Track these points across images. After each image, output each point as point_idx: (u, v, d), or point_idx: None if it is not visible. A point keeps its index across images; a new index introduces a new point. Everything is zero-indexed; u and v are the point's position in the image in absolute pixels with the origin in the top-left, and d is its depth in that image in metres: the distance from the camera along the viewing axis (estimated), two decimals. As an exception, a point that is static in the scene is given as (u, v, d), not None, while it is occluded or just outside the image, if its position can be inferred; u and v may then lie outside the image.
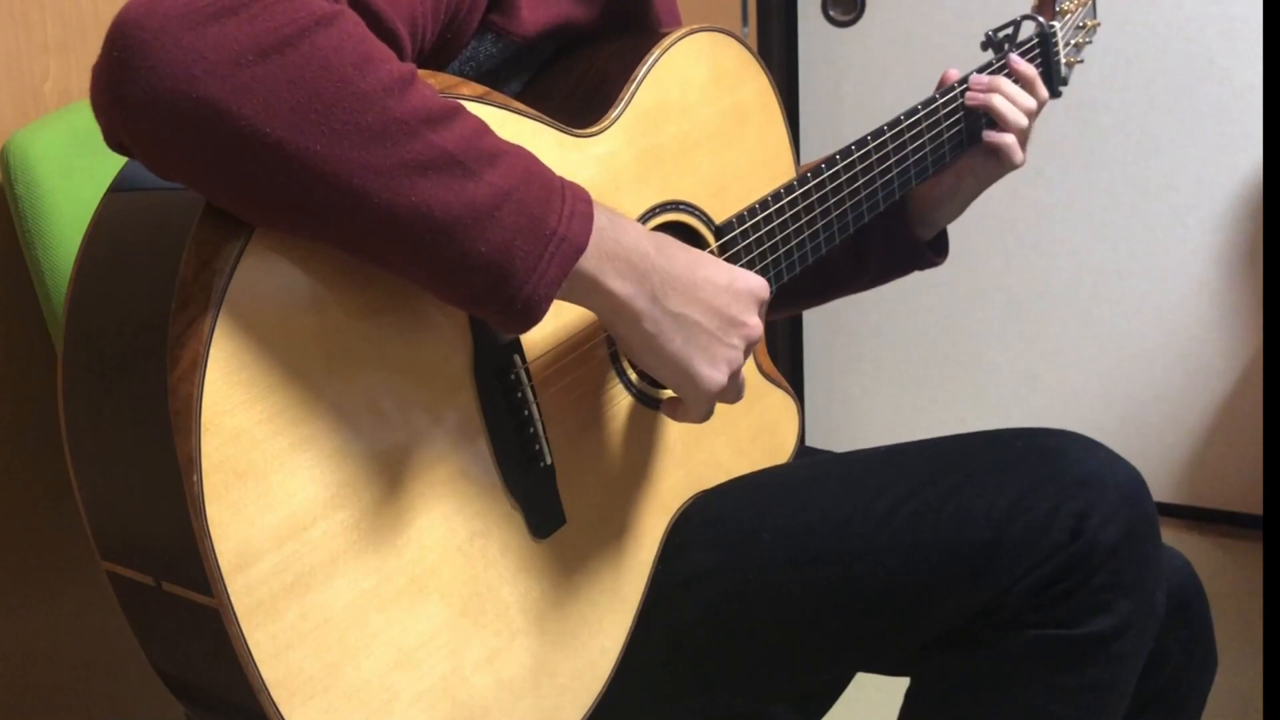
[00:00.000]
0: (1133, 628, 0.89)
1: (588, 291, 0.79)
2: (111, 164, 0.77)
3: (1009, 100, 1.15)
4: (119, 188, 0.76)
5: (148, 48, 0.64)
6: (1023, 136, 1.16)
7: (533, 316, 0.75)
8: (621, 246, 0.79)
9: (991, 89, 1.15)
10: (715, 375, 0.84)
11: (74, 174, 1.03)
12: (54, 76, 1.14)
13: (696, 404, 0.86)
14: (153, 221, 0.74)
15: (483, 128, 0.74)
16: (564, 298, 0.78)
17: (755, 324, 0.86)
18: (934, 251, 1.23)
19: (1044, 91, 1.19)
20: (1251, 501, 2.37)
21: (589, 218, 0.76)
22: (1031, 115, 1.17)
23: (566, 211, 0.75)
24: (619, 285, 0.79)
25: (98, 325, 0.73)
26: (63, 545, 1.19)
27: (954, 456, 0.96)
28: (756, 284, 0.87)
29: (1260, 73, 2.19)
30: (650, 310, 0.81)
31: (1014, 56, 1.18)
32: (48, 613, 1.19)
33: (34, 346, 1.14)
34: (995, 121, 1.16)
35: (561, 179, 0.76)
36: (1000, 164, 1.16)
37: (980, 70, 1.18)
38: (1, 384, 1.14)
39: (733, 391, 0.87)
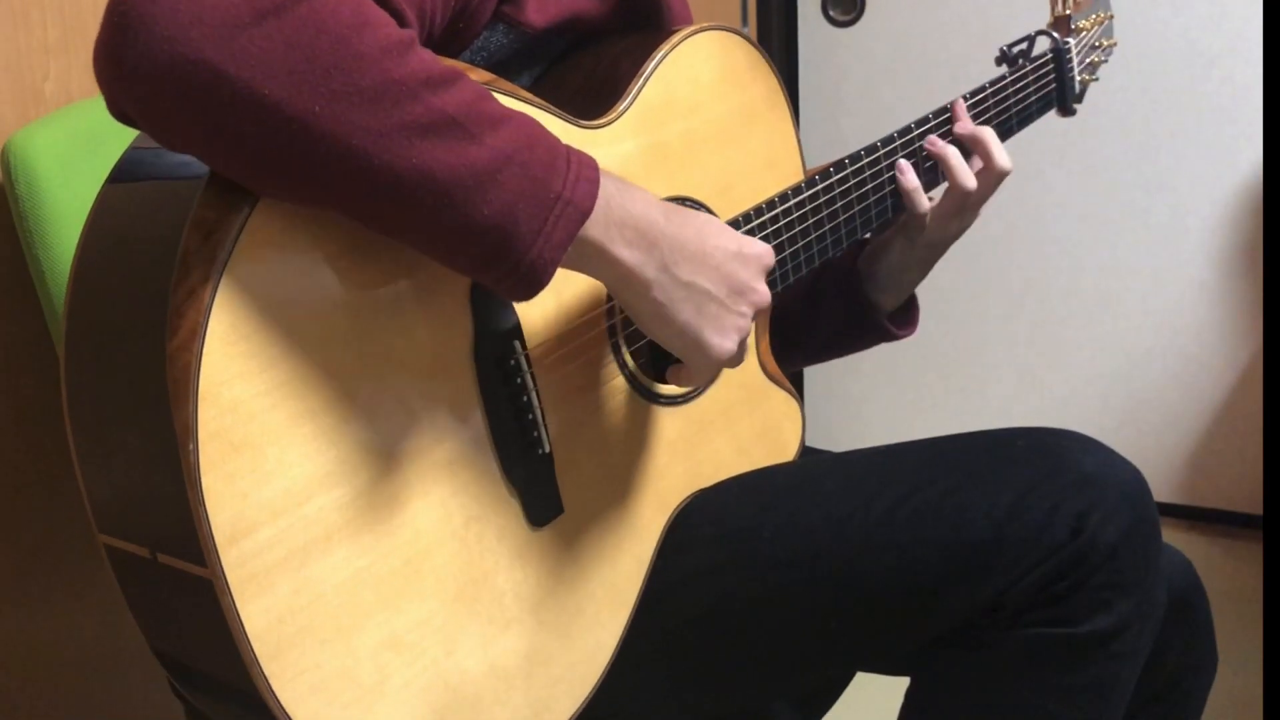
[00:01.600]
0: (1133, 627, 0.89)
1: (595, 259, 0.78)
2: (112, 164, 0.77)
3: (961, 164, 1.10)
4: (117, 179, 0.76)
5: (145, 13, 0.65)
6: (970, 198, 1.11)
7: (539, 282, 0.75)
8: (630, 214, 0.79)
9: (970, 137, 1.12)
10: (725, 344, 0.84)
11: (74, 174, 1.03)
12: (54, 76, 1.14)
13: (702, 371, 0.87)
14: (153, 206, 0.74)
15: (485, 93, 0.74)
16: (571, 266, 0.78)
17: (763, 290, 0.87)
18: (897, 323, 1.18)
19: (999, 162, 1.11)
20: (1251, 501, 2.37)
21: (594, 183, 0.76)
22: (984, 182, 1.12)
23: (572, 176, 0.75)
24: (627, 254, 0.79)
25: (100, 297, 0.74)
26: (63, 544, 1.19)
27: (954, 456, 0.96)
28: (763, 249, 0.87)
29: (1260, 73, 2.19)
30: (660, 279, 0.81)
31: (934, 139, 1.11)
32: (47, 612, 1.19)
33: (34, 346, 1.14)
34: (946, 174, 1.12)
35: (567, 145, 0.76)
36: (915, 211, 1.10)
37: (990, 84, 1.18)
38: (2, 384, 1.14)
39: (738, 357, 0.87)
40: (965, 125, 1.13)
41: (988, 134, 1.12)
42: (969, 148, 1.12)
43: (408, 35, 0.71)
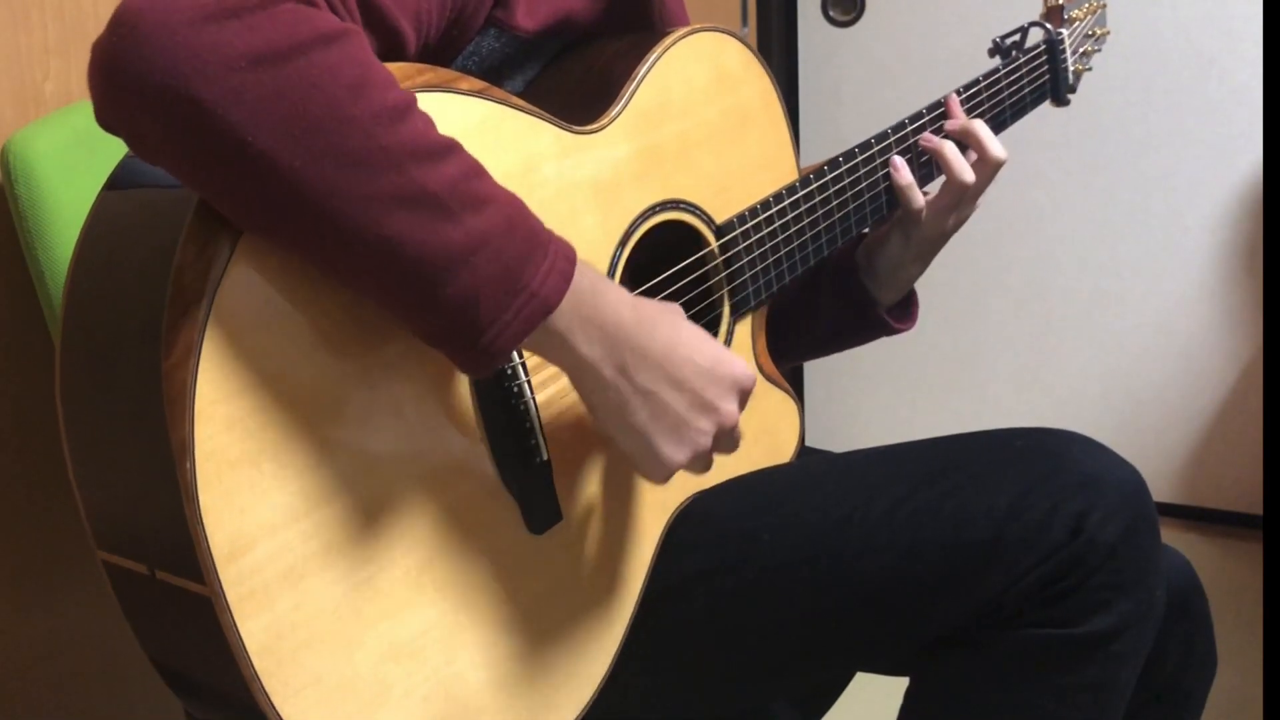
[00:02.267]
0: (1132, 627, 0.89)
1: (555, 349, 0.78)
2: (112, 165, 0.77)
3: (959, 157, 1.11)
4: (114, 185, 0.76)
5: (145, 37, 0.65)
6: (967, 191, 1.11)
7: (491, 365, 0.75)
8: (599, 312, 0.78)
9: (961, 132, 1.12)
10: (675, 455, 0.82)
11: (74, 174, 1.03)
12: (54, 76, 1.14)
13: (649, 475, 0.84)
14: (149, 216, 0.74)
15: (476, 171, 0.73)
16: (530, 349, 0.78)
17: (730, 410, 0.84)
18: (896, 317, 1.18)
19: (993, 153, 1.12)
20: (1251, 501, 2.37)
21: (567, 277, 0.75)
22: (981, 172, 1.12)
23: (545, 268, 0.74)
24: (587, 349, 0.78)
25: (95, 313, 0.74)
26: (63, 547, 1.19)
27: (954, 456, 0.96)
28: (740, 372, 0.84)
29: (1260, 73, 2.19)
30: (616, 380, 0.80)
31: (928, 135, 1.12)
32: (48, 613, 1.19)
33: (34, 346, 1.14)
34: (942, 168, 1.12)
35: (550, 234, 0.76)
36: (909, 207, 1.11)
37: (983, 76, 1.18)
38: (2, 384, 1.14)
39: (700, 465, 0.85)
40: (955, 122, 1.13)
41: (979, 126, 1.13)
42: (962, 141, 1.13)
43: (405, 100, 0.71)
